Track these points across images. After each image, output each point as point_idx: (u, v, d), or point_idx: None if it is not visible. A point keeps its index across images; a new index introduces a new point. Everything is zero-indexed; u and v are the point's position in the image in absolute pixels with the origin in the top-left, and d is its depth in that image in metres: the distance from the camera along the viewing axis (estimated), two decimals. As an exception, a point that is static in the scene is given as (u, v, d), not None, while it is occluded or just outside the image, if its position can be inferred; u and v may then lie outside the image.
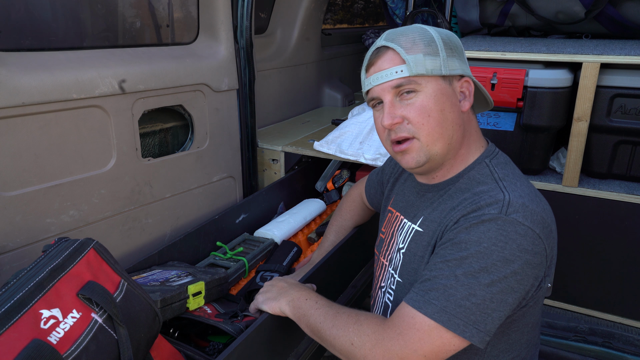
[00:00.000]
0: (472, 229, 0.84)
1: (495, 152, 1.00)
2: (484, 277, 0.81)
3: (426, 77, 0.92)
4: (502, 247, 0.81)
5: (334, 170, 2.21)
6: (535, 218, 0.84)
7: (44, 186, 1.28)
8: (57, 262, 0.86)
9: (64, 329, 0.80)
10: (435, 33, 0.95)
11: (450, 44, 0.95)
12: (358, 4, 4.56)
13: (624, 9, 1.80)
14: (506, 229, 0.82)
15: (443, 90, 0.93)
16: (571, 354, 1.60)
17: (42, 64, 1.26)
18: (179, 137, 1.73)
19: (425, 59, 0.91)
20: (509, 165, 0.98)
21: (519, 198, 0.86)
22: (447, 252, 0.85)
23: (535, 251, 0.83)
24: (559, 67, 1.58)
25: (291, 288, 1.09)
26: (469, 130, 0.99)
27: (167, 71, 1.57)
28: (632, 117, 1.54)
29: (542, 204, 0.89)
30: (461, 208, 0.89)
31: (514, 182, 0.91)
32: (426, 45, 0.92)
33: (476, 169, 0.96)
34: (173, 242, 1.49)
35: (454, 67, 0.94)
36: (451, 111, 0.94)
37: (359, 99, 3.10)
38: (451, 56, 0.94)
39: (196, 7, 1.75)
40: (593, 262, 1.65)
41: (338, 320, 0.93)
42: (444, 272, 0.83)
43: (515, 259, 0.81)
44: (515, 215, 0.83)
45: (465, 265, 0.82)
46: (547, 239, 0.86)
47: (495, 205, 0.85)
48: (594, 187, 1.62)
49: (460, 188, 0.95)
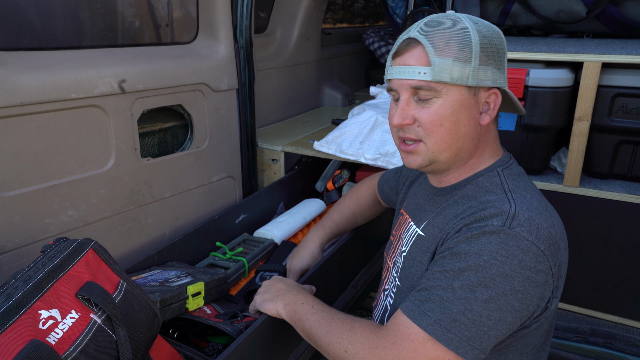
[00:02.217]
0: (473, 240, 0.81)
1: (509, 163, 0.95)
2: (482, 292, 0.77)
3: (449, 85, 0.86)
4: (503, 261, 0.78)
5: (334, 170, 2.20)
6: (541, 233, 0.80)
7: (43, 186, 1.27)
8: (56, 263, 0.86)
9: (62, 330, 0.79)
10: (476, 35, 0.86)
11: (489, 49, 0.87)
12: (358, 4, 4.55)
13: (625, 8, 1.80)
14: (508, 242, 0.78)
15: (464, 101, 0.88)
16: (572, 354, 1.60)
17: (41, 64, 1.25)
18: (178, 136, 1.73)
19: (453, 66, 0.85)
20: (521, 178, 0.93)
21: (526, 211, 0.82)
22: (446, 261, 0.83)
23: (539, 269, 0.79)
24: (560, 67, 1.58)
25: (289, 291, 1.08)
26: (484, 141, 0.94)
27: (167, 71, 1.57)
28: (634, 117, 1.54)
29: (551, 219, 0.85)
30: (465, 216, 0.86)
31: (524, 195, 0.87)
32: (459, 49, 0.85)
33: (486, 176, 0.92)
34: (172, 243, 1.48)
35: (485, 78, 0.88)
36: (467, 124, 0.89)
37: (359, 98, 3.10)
38: (486, 65, 0.87)
39: (196, 6, 1.75)
40: (594, 262, 1.64)
41: (332, 326, 0.92)
42: (442, 283, 0.81)
43: (516, 275, 0.77)
44: (519, 229, 0.79)
45: (463, 277, 0.79)
46: (554, 257, 0.81)
47: (500, 216, 0.81)
48: (595, 187, 1.61)
49: (467, 194, 0.92)
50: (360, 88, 3.49)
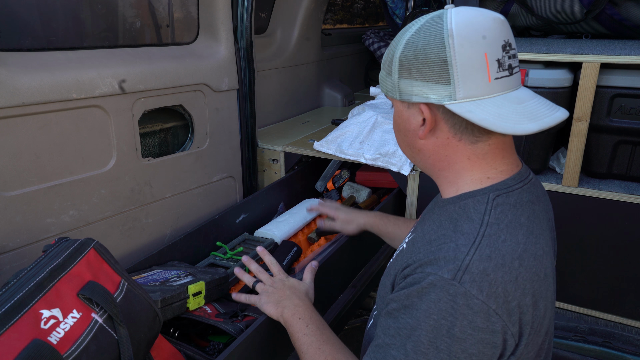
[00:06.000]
0: (424, 294, 0.73)
1: (511, 188, 0.82)
2: (434, 354, 0.72)
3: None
4: (452, 322, 0.71)
5: (334, 170, 2.21)
6: (494, 290, 0.71)
7: (44, 186, 1.28)
8: (58, 262, 0.86)
9: (64, 329, 0.80)
10: (401, 47, 0.81)
11: (413, 62, 0.79)
12: (358, 4, 4.56)
13: (624, 9, 1.80)
14: (457, 301, 0.71)
15: (399, 112, 0.87)
16: (571, 353, 1.60)
17: (42, 64, 1.26)
18: (179, 137, 1.74)
19: (385, 78, 0.87)
20: (515, 210, 0.80)
21: (484, 261, 0.72)
22: (400, 315, 0.76)
23: (492, 329, 0.71)
24: (559, 67, 1.58)
25: (290, 298, 1.10)
26: (452, 158, 0.85)
27: (167, 71, 1.57)
28: (632, 117, 1.54)
29: (515, 272, 0.74)
30: (429, 249, 0.79)
31: (497, 235, 0.76)
32: (388, 63, 0.84)
33: (476, 200, 0.82)
34: (173, 242, 1.49)
35: (408, 92, 0.81)
36: (407, 135, 0.88)
37: (359, 99, 3.10)
38: (407, 78, 0.81)
39: (196, 7, 1.75)
40: (593, 262, 1.65)
41: (317, 358, 0.95)
42: (396, 342, 0.76)
43: (467, 337, 0.71)
44: (469, 285, 0.71)
45: (414, 337, 0.73)
46: (510, 315, 0.72)
47: (452, 265, 0.73)
48: (594, 187, 1.62)
49: (451, 216, 0.83)
50: (360, 88, 3.49)
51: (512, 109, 0.77)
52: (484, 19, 0.78)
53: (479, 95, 0.77)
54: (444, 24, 0.77)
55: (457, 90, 0.77)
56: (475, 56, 0.76)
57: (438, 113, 0.81)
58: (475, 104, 0.76)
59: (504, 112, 0.76)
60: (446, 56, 0.76)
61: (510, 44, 0.80)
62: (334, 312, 1.46)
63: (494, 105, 0.77)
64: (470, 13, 0.78)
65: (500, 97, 0.78)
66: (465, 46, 0.75)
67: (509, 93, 0.79)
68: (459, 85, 0.76)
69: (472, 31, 0.76)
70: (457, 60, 0.76)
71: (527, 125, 0.75)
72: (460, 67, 0.76)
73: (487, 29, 0.77)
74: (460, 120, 0.79)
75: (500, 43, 0.78)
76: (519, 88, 0.82)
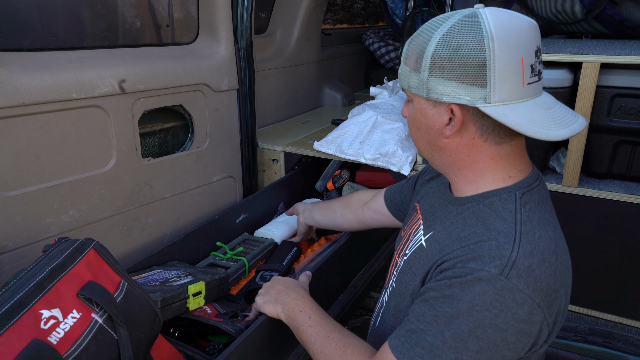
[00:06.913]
0: (467, 286, 0.76)
1: (533, 185, 0.86)
2: (474, 343, 0.75)
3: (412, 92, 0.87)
4: (496, 314, 0.74)
5: (334, 170, 2.21)
6: (539, 285, 0.76)
7: (44, 186, 1.28)
8: (58, 262, 0.86)
9: (64, 329, 0.79)
10: (433, 46, 0.80)
11: (447, 62, 0.79)
12: (358, 4, 4.56)
13: (623, 9, 1.80)
14: (504, 295, 0.74)
15: (423, 110, 0.86)
16: (571, 353, 1.61)
17: (42, 64, 1.26)
18: (179, 137, 1.73)
19: (410, 74, 0.85)
20: (540, 206, 0.85)
21: (528, 257, 0.76)
22: (439, 304, 0.79)
23: (532, 320, 0.76)
24: (559, 67, 1.58)
25: (287, 293, 1.10)
26: (475, 157, 0.86)
27: (167, 71, 1.57)
28: (632, 117, 1.54)
29: (554, 266, 0.78)
30: (467, 244, 0.81)
31: (533, 232, 0.79)
32: (417, 59, 0.83)
33: (502, 199, 0.84)
34: (173, 242, 1.49)
35: (438, 91, 0.81)
36: (429, 132, 0.88)
37: (359, 99, 3.10)
38: (439, 77, 0.80)
39: (196, 7, 1.75)
40: (593, 262, 1.65)
41: (326, 347, 0.94)
42: (432, 329, 0.78)
43: (509, 328, 0.75)
44: (516, 280, 0.74)
45: (454, 326, 0.76)
46: (549, 307, 0.78)
47: (498, 261, 0.76)
48: (594, 187, 1.62)
49: (477, 214, 0.85)
50: (360, 88, 3.49)
51: (543, 115, 0.79)
52: (521, 24, 0.79)
53: (512, 100, 0.78)
54: (483, 25, 0.77)
55: (493, 94, 0.78)
56: (514, 61, 0.77)
57: (467, 114, 0.82)
58: (509, 108, 0.78)
59: (536, 117, 0.78)
60: (485, 59, 0.76)
61: (540, 50, 0.82)
62: (334, 312, 1.46)
63: (527, 110, 0.79)
64: (506, 16, 0.79)
65: (531, 102, 0.80)
66: (505, 50, 0.76)
67: (537, 98, 0.81)
68: (494, 88, 0.77)
69: (511, 35, 0.77)
70: (496, 64, 0.76)
71: (558, 131, 0.78)
72: (498, 71, 0.77)
73: (523, 34, 0.78)
74: (489, 122, 0.81)
75: (533, 48, 0.79)
76: (542, 93, 0.85)
